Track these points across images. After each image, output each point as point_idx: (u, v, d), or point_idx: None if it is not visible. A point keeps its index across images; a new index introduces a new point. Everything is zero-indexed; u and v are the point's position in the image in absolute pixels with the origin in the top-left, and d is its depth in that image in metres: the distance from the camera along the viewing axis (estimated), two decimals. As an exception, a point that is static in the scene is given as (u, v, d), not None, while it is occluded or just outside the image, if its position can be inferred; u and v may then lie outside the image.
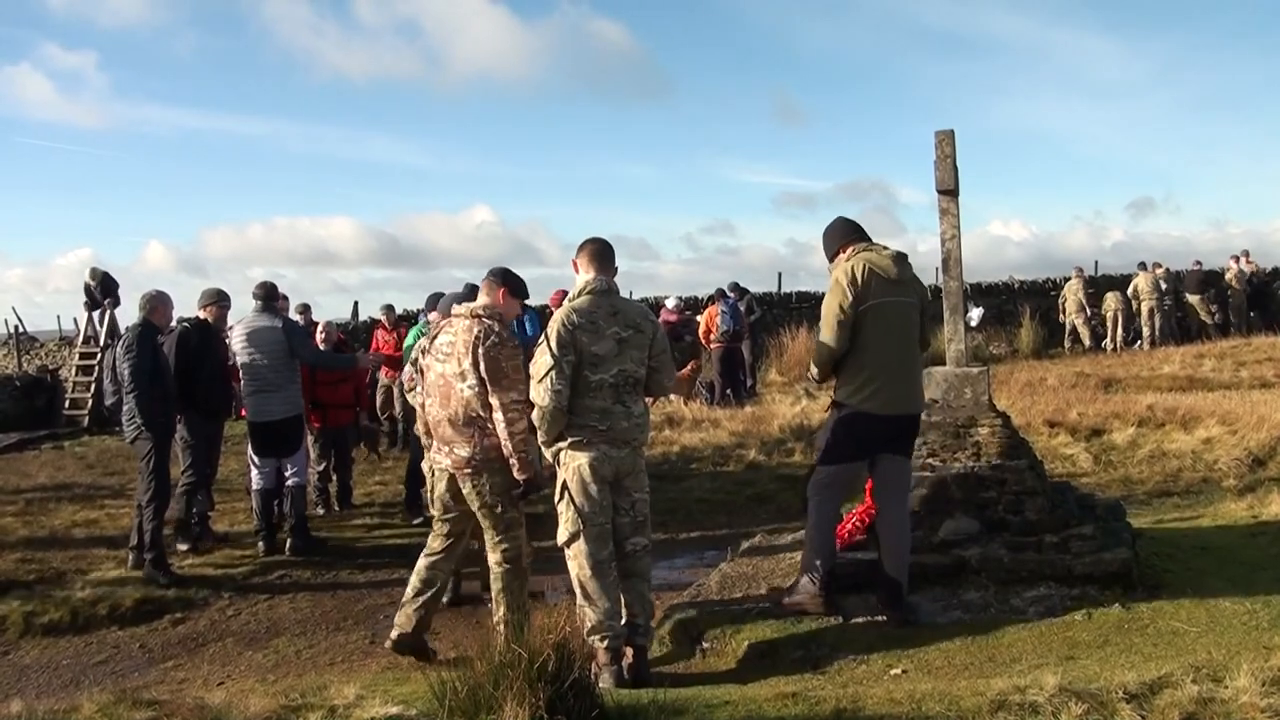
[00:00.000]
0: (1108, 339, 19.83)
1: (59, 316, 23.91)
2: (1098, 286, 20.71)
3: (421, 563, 5.04)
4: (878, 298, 4.84)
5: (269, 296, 7.69)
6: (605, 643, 4.41)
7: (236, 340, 7.59)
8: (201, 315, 7.73)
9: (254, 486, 7.61)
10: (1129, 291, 19.98)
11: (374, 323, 15.43)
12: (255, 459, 7.59)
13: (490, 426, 4.72)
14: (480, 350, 4.67)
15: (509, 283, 4.95)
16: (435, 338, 4.95)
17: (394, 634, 5.02)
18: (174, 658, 5.61)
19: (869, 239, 5.11)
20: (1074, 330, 20.12)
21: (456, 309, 4.95)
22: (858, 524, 5.88)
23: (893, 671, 4.41)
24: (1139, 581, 5.10)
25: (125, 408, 6.92)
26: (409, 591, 5.02)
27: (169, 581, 6.64)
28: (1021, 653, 4.51)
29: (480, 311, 4.81)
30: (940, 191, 5.78)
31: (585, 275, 4.63)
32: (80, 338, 17.87)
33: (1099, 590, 5.04)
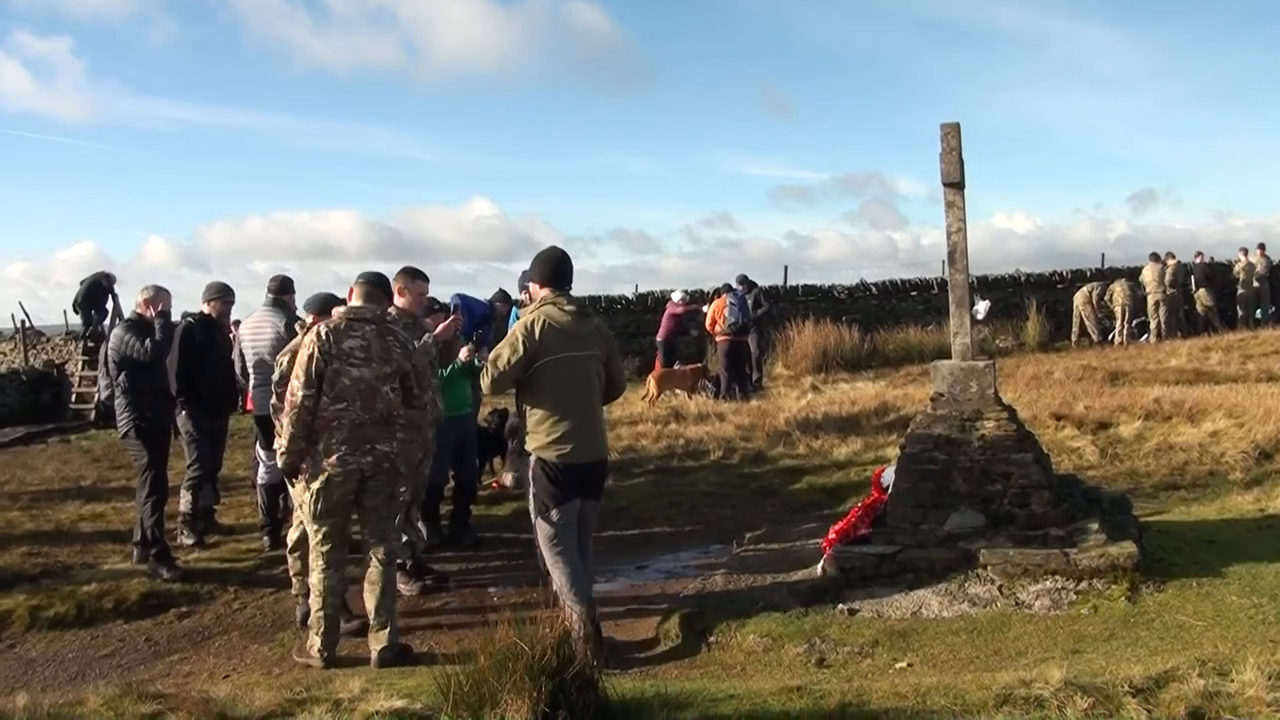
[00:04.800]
0: (1115, 332, 19.76)
1: (65, 311, 23.83)
2: (1104, 278, 20.63)
3: (320, 579, 5.04)
4: (557, 353, 4.98)
5: (280, 291, 7.66)
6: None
7: (243, 335, 7.60)
8: (206, 310, 7.73)
9: (260, 481, 7.60)
10: (1138, 280, 19.91)
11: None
12: (261, 453, 7.59)
13: (401, 425, 5.08)
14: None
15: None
16: (341, 342, 4.98)
17: (325, 656, 4.99)
18: (179, 651, 5.62)
19: (566, 285, 5.19)
20: (1081, 323, 20.05)
21: (338, 310, 5.25)
22: (861, 517, 5.88)
23: (898, 665, 4.41)
24: (1145, 575, 5.09)
25: (116, 403, 6.91)
26: (327, 613, 5.02)
27: (173, 576, 6.64)
28: (1027, 646, 4.50)
29: (390, 316, 5.21)
30: (946, 184, 5.76)
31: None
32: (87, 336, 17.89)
33: (1105, 584, 5.03)
